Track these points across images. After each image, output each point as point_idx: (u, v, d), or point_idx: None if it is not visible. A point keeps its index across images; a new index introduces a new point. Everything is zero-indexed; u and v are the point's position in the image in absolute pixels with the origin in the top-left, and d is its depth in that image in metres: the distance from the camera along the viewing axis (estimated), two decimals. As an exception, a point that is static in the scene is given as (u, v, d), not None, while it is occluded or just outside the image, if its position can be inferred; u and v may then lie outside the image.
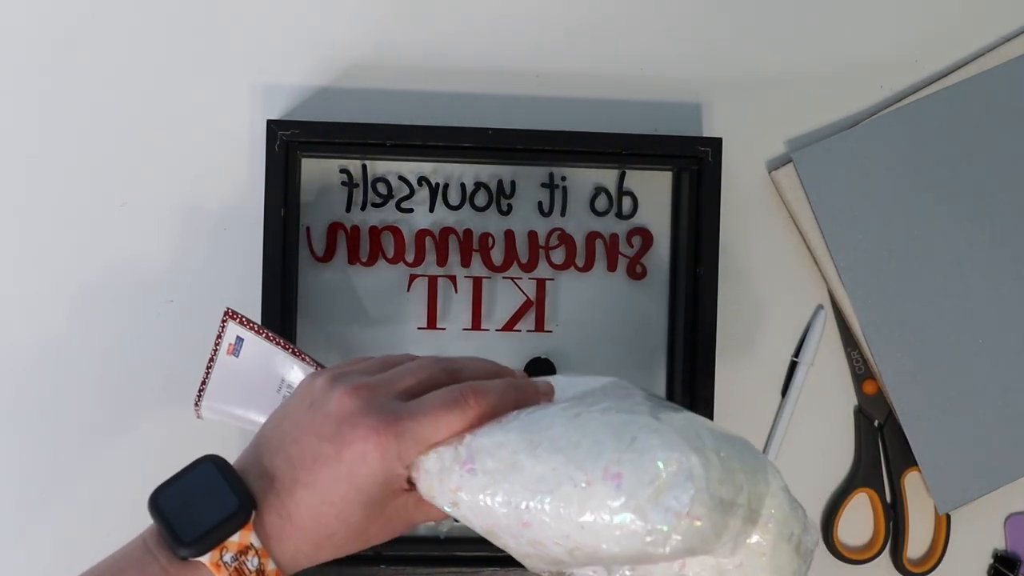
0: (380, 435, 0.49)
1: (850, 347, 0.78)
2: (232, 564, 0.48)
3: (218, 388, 0.63)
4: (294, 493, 0.49)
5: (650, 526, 0.43)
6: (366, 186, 0.75)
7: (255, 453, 0.52)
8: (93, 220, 0.73)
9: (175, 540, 0.48)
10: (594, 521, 0.45)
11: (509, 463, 0.47)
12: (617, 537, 0.44)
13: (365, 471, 0.49)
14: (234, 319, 0.63)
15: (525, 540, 0.47)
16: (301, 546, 0.50)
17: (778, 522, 0.48)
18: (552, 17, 0.76)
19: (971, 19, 0.79)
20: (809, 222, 0.77)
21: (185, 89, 0.74)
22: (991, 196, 0.78)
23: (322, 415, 0.50)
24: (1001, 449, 0.77)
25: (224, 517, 0.48)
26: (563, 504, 0.45)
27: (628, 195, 0.76)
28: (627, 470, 0.45)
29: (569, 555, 0.47)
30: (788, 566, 0.49)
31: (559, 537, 0.46)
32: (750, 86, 0.78)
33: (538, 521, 0.46)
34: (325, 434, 0.50)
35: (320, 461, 0.49)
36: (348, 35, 0.75)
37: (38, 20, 0.73)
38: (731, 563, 0.48)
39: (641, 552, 0.44)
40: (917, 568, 0.79)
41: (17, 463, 0.73)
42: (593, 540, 0.45)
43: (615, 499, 0.44)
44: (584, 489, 0.45)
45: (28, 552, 0.73)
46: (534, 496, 0.46)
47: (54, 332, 0.73)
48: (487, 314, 0.75)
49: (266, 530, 0.49)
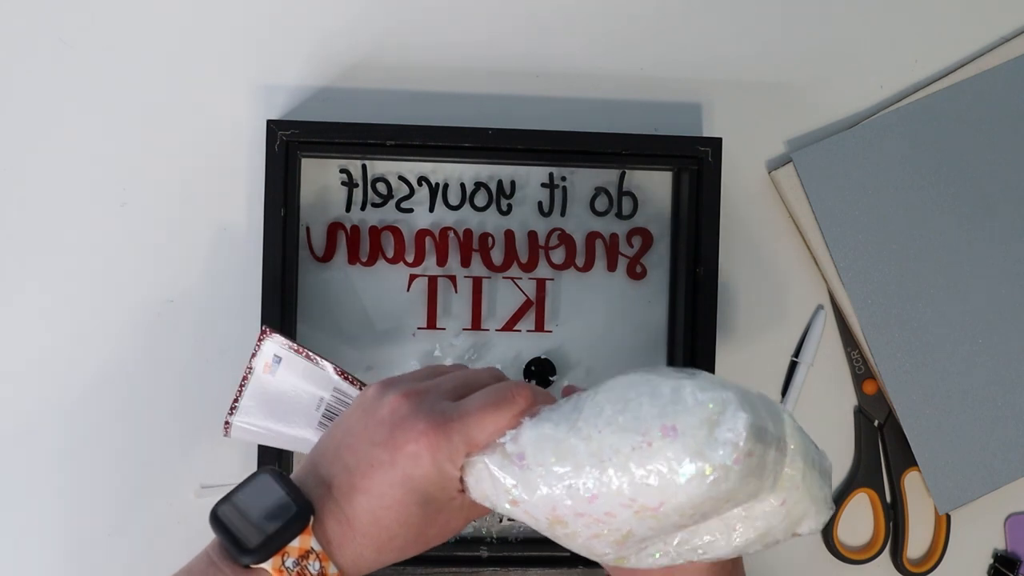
0: (431, 437, 0.50)
1: (850, 347, 0.78)
2: (294, 569, 0.49)
3: (252, 405, 0.64)
4: (352, 499, 0.50)
5: (711, 464, 0.46)
6: (366, 186, 0.75)
7: (312, 463, 0.53)
8: (93, 220, 0.73)
9: (237, 548, 0.49)
10: (659, 477, 0.46)
11: (560, 449, 0.49)
12: (682, 486, 0.46)
13: (419, 473, 0.50)
14: (270, 337, 0.63)
15: (592, 517, 0.48)
16: (363, 551, 0.51)
17: (800, 452, 0.51)
18: (552, 17, 0.76)
19: (971, 19, 0.79)
20: (809, 222, 0.77)
21: (185, 89, 0.74)
22: (991, 196, 0.78)
23: (375, 421, 0.52)
24: (1001, 449, 0.77)
25: (284, 523, 0.49)
26: (625, 470, 0.47)
27: (628, 195, 0.76)
28: (679, 420, 0.47)
29: (637, 519, 0.48)
30: (820, 492, 0.52)
31: (625, 501, 0.47)
32: (750, 86, 0.78)
33: (603, 493, 0.48)
34: (378, 439, 0.51)
35: (375, 466, 0.51)
36: (348, 35, 0.75)
37: (38, 20, 0.73)
38: (776, 502, 0.50)
39: (706, 497, 0.46)
40: (917, 568, 0.79)
41: (17, 461, 0.73)
42: (659, 497, 0.47)
43: (676, 449, 0.46)
44: (644, 450, 0.47)
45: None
46: (594, 471, 0.48)
47: (54, 332, 0.73)
48: (487, 314, 0.75)
49: (327, 536, 0.50)
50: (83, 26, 0.74)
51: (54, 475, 0.73)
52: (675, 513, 0.47)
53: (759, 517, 0.51)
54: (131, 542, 0.73)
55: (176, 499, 0.73)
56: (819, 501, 0.52)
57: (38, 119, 0.73)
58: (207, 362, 0.74)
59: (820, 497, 0.52)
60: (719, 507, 0.48)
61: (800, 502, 0.51)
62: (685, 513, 0.47)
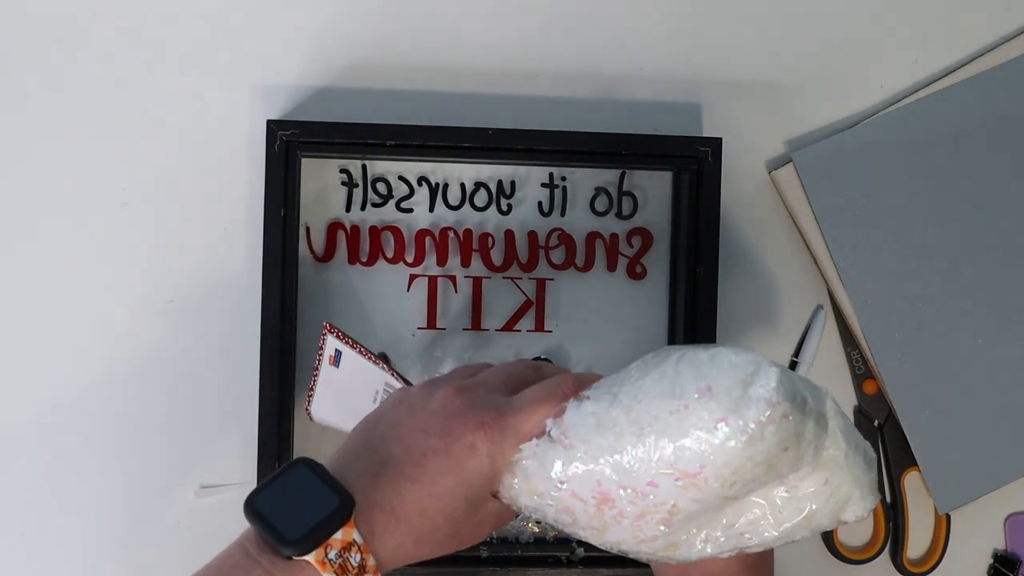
0: (488, 429, 0.51)
1: (850, 347, 0.78)
2: (336, 561, 0.48)
3: (324, 394, 0.67)
4: (400, 487, 0.50)
5: (747, 422, 0.46)
6: (366, 186, 0.75)
7: (351, 456, 0.52)
8: (93, 220, 0.73)
9: (279, 540, 0.48)
10: (696, 440, 0.47)
11: (602, 422, 0.49)
12: (719, 446, 0.46)
13: (473, 464, 0.50)
14: (332, 332, 0.65)
15: (636, 491, 0.49)
16: (403, 541, 0.50)
17: (843, 432, 0.51)
18: (552, 17, 0.76)
19: (971, 19, 0.79)
20: (809, 222, 0.77)
21: (185, 89, 0.74)
22: (991, 196, 0.78)
23: (427, 413, 0.52)
24: (1001, 449, 0.77)
25: (327, 515, 0.48)
26: (664, 434, 0.47)
27: (628, 195, 0.76)
28: (715, 381, 0.47)
29: (679, 489, 0.48)
30: (865, 476, 0.52)
31: (667, 469, 0.48)
32: (750, 86, 0.78)
33: (645, 460, 0.48)
34: (433, 430, 0.51)
35: (428, 455, 0.51)
36: (348, 35, 0.75)
37: (39, 20, 0.73)
38: (819, 482, 0.51)
39: (743, 457, 0.46)
40: (917, 568, 0.79)
41: (17, 462, 0.73)
42: (698, 461, 0.47)
43: (711, 409, 0.47)
44: (682, 412, 0.47)
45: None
46: (634, 439, 0.48)
47: (54, 332, 0.73)
48: (487, 314, 0.75)
49: (369, 526, 0.50)
50: (83, 26, 0.74)
51: (52, 475, 0.73)
52: (716, 480, 0.47)
53: (803, 498, 0.51)
54: (130, 541, 0.73)
55: (176, 499, 0.73)
56: (864, 485, 0.52)
57: (38, 119, 0.73)
58: (207, 362, 0.74)
59: (865, 481, 0.52)
60: (759, 475, 0.48)
61: (844, 483, 0.51)
62: (725, 480, 0.47)
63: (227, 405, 0.73)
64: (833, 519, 0.53)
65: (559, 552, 0.74)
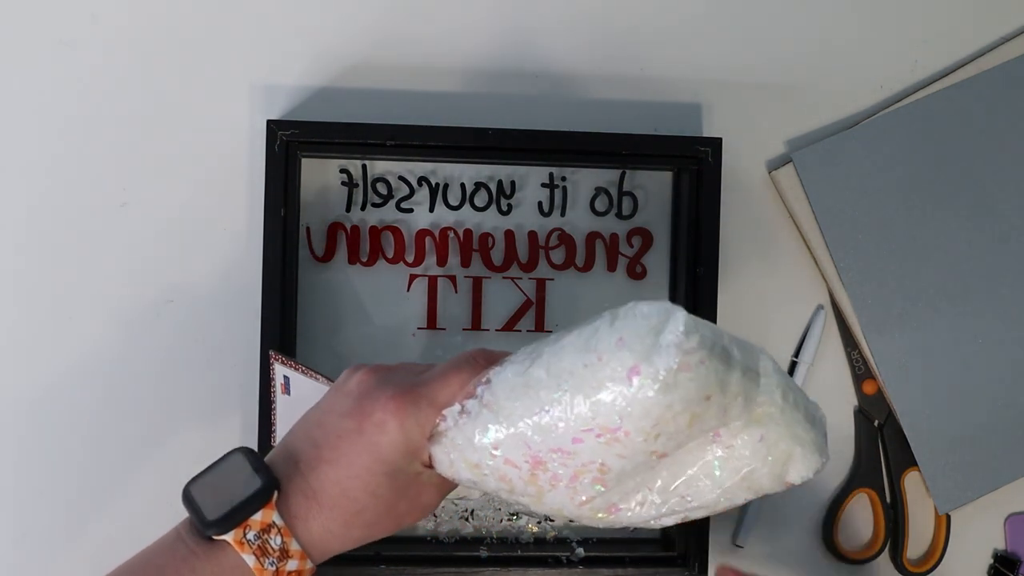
0: (397, 402, 0.51)
1: (850, 347, 0.78)
2: (256, 542, 0.49)
3: (284, 423, 0.66)
4: (318, 470, 0.51)
5: (658, 370, 0.45)
6: (366, 186, 0.75)
7: (284, 443, 0.54)
8: (93, 221, 0.73)
9: (200, 521, 0.50)
10: (611, 392, 0.46)
11: (524, 382, 0.49)
12: (633, 396, 0.46)
13: (386, 440, 0.51)
14: (277, 360, 0.65)
15: (564, 451, 0.48)
16: (330, 525, 0.51)
17: (778, 388, 0.50)
18: (552, 17, 0.76)
19: (971, 19, 0.79)
20: (809, 222, 0.77)
21: (185, 89, 0.74)
22: (991, 196, 0.78)
23: (343, 394, 0.53)
24: (1001, 449, 0.77)
25: (247, 497, 0.50)
26: (581, 389, 0.47)
27: (628, 195, 0.76)
28: (627, 333, 0.46)
29: (603, 447, 0.48)
30: (806, 434, 0.51)
31: (588, 424, 0.47)
32: (750, 86, 0.78)
33: (567, 419, 0.48)
34: (345, 410, 0.52)
35: (342, 436, 0.51)
36: (348, 35, 0.75)
37: (39, 21, 0.73)
38: (754, 437, 0.50)
39: (659, 406, 0.46)
40: (917, 568, 0.79)
41: (17, 461, 0.73)
42: (616, 414, 0.46)
43: (622, 359, 0.46)
44: (596, 365, 0.47)
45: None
46: (553, 396, 0.48)
47: (54, 333, 0.73)
48: (487, 314, 0.75)
49: (291, 510, 0.51)
50: (83, 26, 0.74)
51: (51, 475, 0.73)
52: (637, 433, 0.47)
53: (740, 457, 0.51)
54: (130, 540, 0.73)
55: (175, 498, 0.73)
56: (805, 443, 0.51)
57: (38, 119, 0.73)
58: (207, 362, 0.74)
59: (807, 439, 0.51)
60: (682, 426, 0.47)
61: (781, 439, 0.50)
62: (648, 432, 0.47)
63: (227, 405, 0.73)
64: (776, 480, 0.52)
65: (559, 552, 0.74)
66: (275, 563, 0.50)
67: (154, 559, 0.51)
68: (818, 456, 0.52)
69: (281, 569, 0.50)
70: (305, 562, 0.51)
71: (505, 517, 0.75)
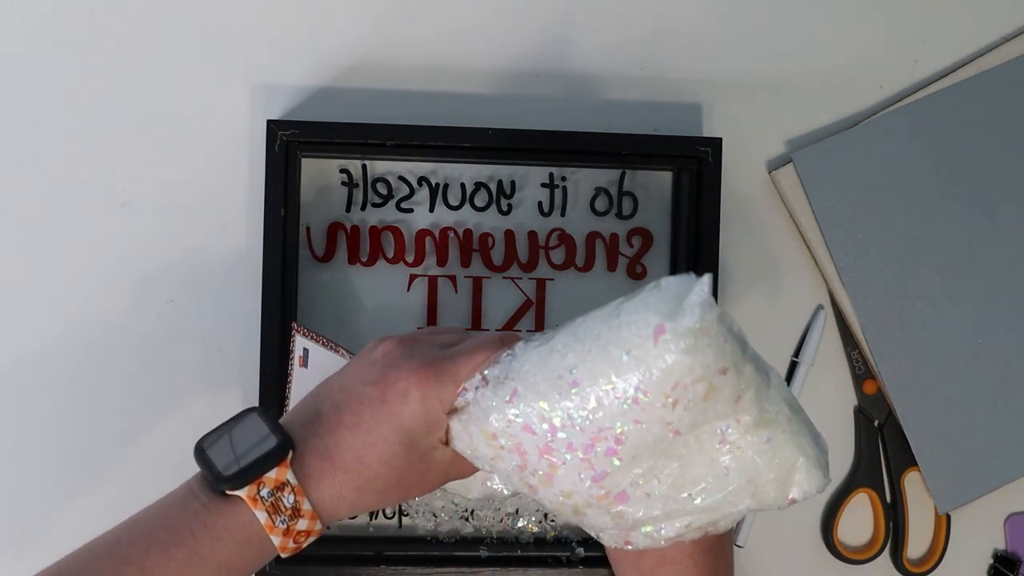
0: (421, 374, 0.51)
1: (850, 347, 0.78)
2: (269, 499, 0.50)
3: (298, 396, 0.66)
4: (337, 434, 0.52)
5: (682, 328, 0.47)
6: (366, 186, 0.75)
7: (303, 405, 0.55)
8: (93, 220, 0.73)
9: (215, 476, 0.50)
10: (635, 350, 0.47)
11: (549, 349, 0.50)
12: (657, 355, 0.47)
13: (407, 411, 0.51)
14: (299, 331, 0.65)
15: (580, 417, 0.49)
16: (342, 490, 0.51)
17: (784, 397, 0.52)
18: (552, 17, 0.76)
19: (971, 19, 0.79)
20: (809, 222, 0.77)
21: (185, 89, 0.74)
22: (991, 196, 0.78)
23: (367, 363, 0.54)
24: (1001, 449, 0.77)
25: (263, 454, 0.50)
26: (607, 349, 0.48)
27: (628, 195, 0.76)
28: (652, 299, 0.48)
29: (620, 412, 0.48)
30: (811, 448, 0.53)
31: (607, 385, 0.48)
32: (750, 86, 0.78)
33: (585, 377, 0.49)
34: (370, 378, 0.53)
35: (364, 403, 0.52)
36: (348, 35, 0.75)
37: (39, 20, 0.73)
38: (760, 439, 0.51)
39: (681, 369, 0.47)
40: (917, 568, 0.79)
41: (18, 461, 0.73)
42: (638, 373, 0.47)
43: (648, 319, 0.47)
44: (622, 327, 0.48)
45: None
46: (578, 356, 0.49)
47: (54, 333, 0.73)
48: (487, 314, 0.75)
49: (305, 470, 0.51)
50: (83, 26, 0.74)
51: (52, 475, 0.73)
52: (657, 397, 0.48)
53: (747, 460, 0.51)
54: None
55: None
56: (810, 457, 0.52)
57: (39, 119, 0.73)
58: (207, 362, 0.74)
59: (812, 454, 0.52)
60: (698, 396, 0.48)
61: (787, 447, 0.52)
62: (667, 397, 0.48)
63: (227, 405, 0.73)
64: (780, 490, 0.52)
65: (559, 552, 0.74)
66: (286, 521, 0.50)
67: (167, 512, 0.51)
68: (821, 473, 0.53)
69: (291, 528, 0.50)
70: (315, 523, 0.51)
71: (505, 517, 0.75)
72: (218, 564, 0.50)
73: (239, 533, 0.50)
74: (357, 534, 0.75)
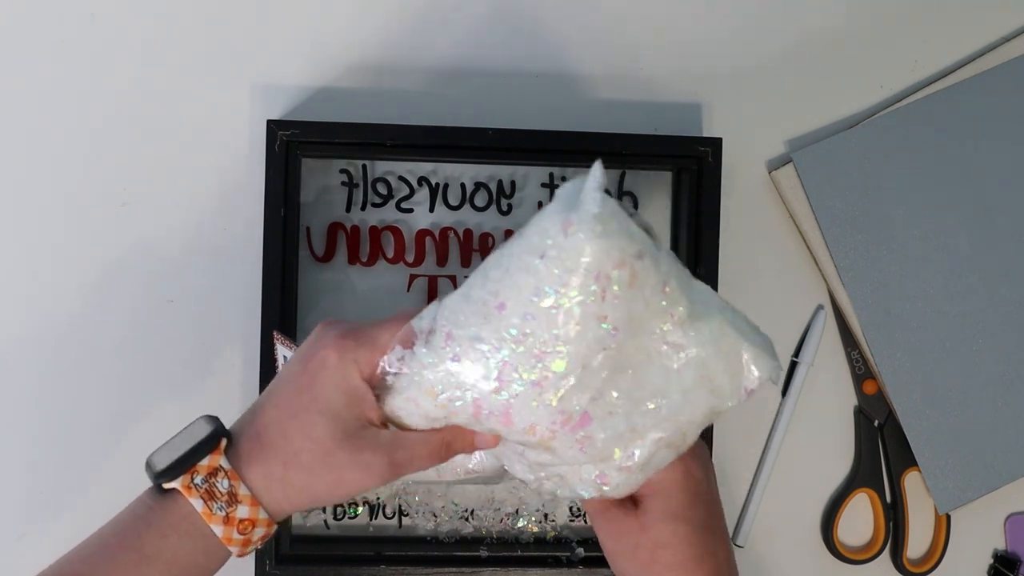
0: (338, 340, 0.52)
1: (850, 347, 0.78)
2: (203, 486, 0.51)
3: None
4: (264, 413, 0.53)
5: (585, 213, 0.47)
6: (366, 186, 0.75)
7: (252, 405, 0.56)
8: (94, 220, 0.73)
9: (151, 472, 0.52)
10: (551, 249, 0.48)
11: (468, 285, 0.51)
12: (569, 245, 0.47)
13: (325, 378, 0.52)
14: (278, 340, 0.65)
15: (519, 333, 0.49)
16: (271, 467, 0.52)
17: (718, 298, 0.53)
18: (552, 17, 0.76)
19: (971, 19, 0.79)
20: (809, 222, 0.77)
21: (185, 89, 0.74)
22: (991, 196, 0.78)
23: (299, 350, 0.55)
24: (1001, 449, 0.77)
25: (194, 444, 0.52)
26: (523, 258, 0.49)
27: (628, 195, 0.76)
28: (552, 204, 0.49)
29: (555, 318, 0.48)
30: (755, 336, 0.53)
31: (533, 294, 0.48)
32: (750, 86, 0.78)
33: (514, 296, 0.49)
34: (297, 357, 0.54)
35: (289, 379, 0.53)
36: (348, 35, 0.75)
37: (39, 21, 0.73)
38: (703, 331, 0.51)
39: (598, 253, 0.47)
40: (917, 568, 0.79)
41: (18, 460, 0.73)
42: (558, 269, 0.48)
43: (555, 218, 0.48)
44: (532, 234, 0.49)
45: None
46: (499, 276, 0.50)
47: (55, 332, 0.73)
48: (487, 314, 0.75)
49: (238, 452, 0.52)
50: (83, 26, 0.74)
51: (52, 475, 0.73)
52: (583, 290, 0.47)
53: (693, 355, 0.51)
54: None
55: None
56: (756, 343, 0.52)
57: (39, 119, 0.73)
58: (207, 361, 0.74)
59: (756, 340, 0.52)
60: (624, 282, 0.48)
61: (727, 335, 0.52)
62: (592, 289, 0.48)
63: (227, 405, 0.73)
64: (734, 382, 0.52)
65: (559, 552, 0.74)
66: (224, 507, 0.51)
67: (118, 520, 0.53)
68: (769, 357, 0.53)
69: (231, 515, 0.51)
70: (257, 510, 0.51)
71: (505, 517, 0.75)
72: (166, 562, 0.51)
73: (180, 526, 0.51)
74: (357, 534, 0.75)
